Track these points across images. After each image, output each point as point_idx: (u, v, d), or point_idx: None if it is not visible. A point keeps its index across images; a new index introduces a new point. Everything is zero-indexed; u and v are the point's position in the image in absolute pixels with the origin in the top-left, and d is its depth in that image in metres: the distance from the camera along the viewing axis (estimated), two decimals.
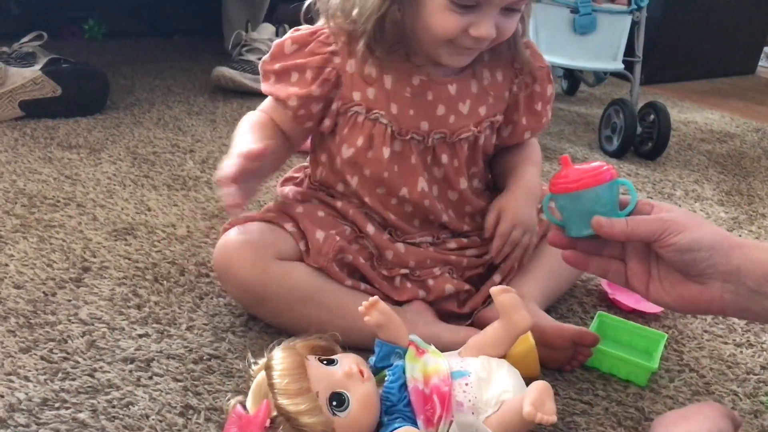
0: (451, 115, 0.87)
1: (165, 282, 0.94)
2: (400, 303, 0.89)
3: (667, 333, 0.96)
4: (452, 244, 0.93)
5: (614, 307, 1.00)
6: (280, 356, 0.65)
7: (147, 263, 0.97)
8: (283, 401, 0.61)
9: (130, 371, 0.76)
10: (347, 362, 0.68)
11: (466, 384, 0.68)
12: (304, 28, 0.87)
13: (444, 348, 0.77)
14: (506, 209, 0.89)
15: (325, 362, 0.68)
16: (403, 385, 0.68)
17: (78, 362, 0.77)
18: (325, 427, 0.62)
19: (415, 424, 0.66)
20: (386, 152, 0.86)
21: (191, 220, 1.12)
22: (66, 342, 0.80)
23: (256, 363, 0.70)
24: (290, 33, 0.87)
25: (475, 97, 0.89)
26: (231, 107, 1.71)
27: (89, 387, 0.73)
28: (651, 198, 1.47)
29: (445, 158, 0.89)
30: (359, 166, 0.87)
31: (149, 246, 1.02)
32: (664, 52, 2.63)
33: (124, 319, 0.85)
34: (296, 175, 1.00)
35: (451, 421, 0.66)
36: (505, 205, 0.89)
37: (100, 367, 0.76)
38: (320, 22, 0.86)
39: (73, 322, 0.83)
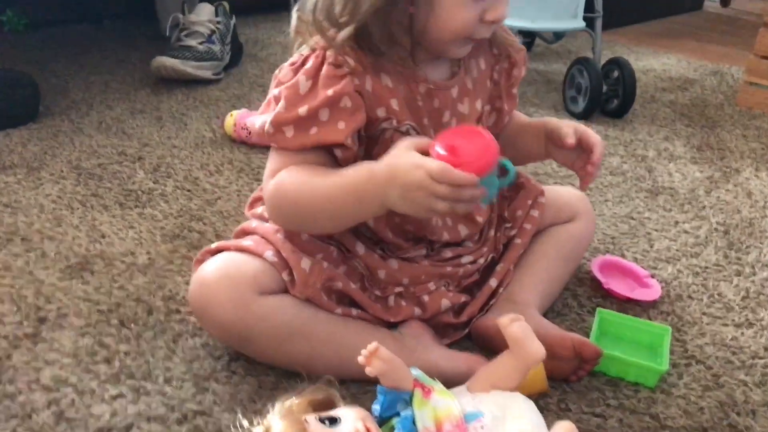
0: (453, 118, 0.82)
1: (132, 325, 0.85)
2: (395, 324, 0.83)
3: (666, 320, 0.93)
4: (447, 253, 0.87)
5: (609, 296, 0.96)
6: (279, 427, 0.59)
7: (109, 304, 0.89)
8: None
9: None
10: (352, 419, 0.62)
11: (482, 427, 0.63)
12: (297, 58, 0.76)
13: (444, 377, 0.72)
14: (594, 140, 0.81)
15: (327, 422, 0.62)
16: None
17: None
18: None
19: None
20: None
21: (151, 244, 1.03)
22: (31, 417, 0.71)
23: (249, 430, 0.64)
24: (288, 68, 0.76)
25: (473, 93, 0.83)
26: (176, 99, 1.59)
27: None
28: (624, 162, 1.43)
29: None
30: None
31: (109, 282, 0.93)
32: None
33: (93, 379, 0.77)
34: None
35: None
36: (592, 136, 0.82)
37: None
38: (311, 41, 0.76)
39: (35, 390, 0.75)
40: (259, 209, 0.87)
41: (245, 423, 0.66)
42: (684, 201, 1.28)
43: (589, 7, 1.68)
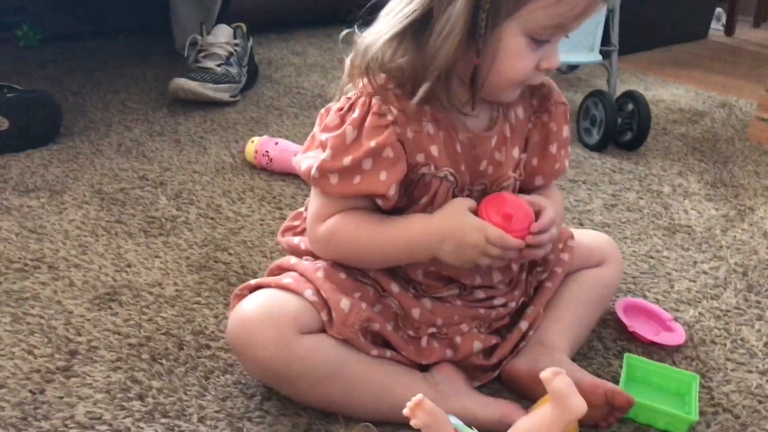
0: (489, 166, 0.83)
1: (164, 361, 0.85)
2: (427, 366, 0.83)
3: (690, 365, 0.94)
4: (480, 294, 0.88)
5: (634, 339, 0.97)
6: None
7: (140, 337, 0.89)
8: None
9: None
10: None
11: None
12: (344, 103, 0.78)
13: (479, 424, 0.73)
14: (545, 204, 0.81)
15: None
16: None
17: None
18: None
19: None
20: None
21: (177, 274, 1.03)
22: None
23: None
24: (335, 114, 0.77)
25: (510, 142, 0.85)
26: (194, 122, 1.60)
27: None
28: (641, 198, 1.44)
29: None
30: None
31: (138, 314, 0.93)
32: (621, 24, 2.61)
33: (127, 416, 0.77)
34: (296, 223, 0.92)
35: None
36: (543, 201, 0.82)
37: None
38: (354, 88, 0.78)
39: (71, 428, 0.75)
40: (295, 239, 0.87)
41: None
42: (701, 240, 1.29)
43: (605, 39, 1.70)
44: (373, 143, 0.74)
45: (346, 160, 0.75)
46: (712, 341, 1.00)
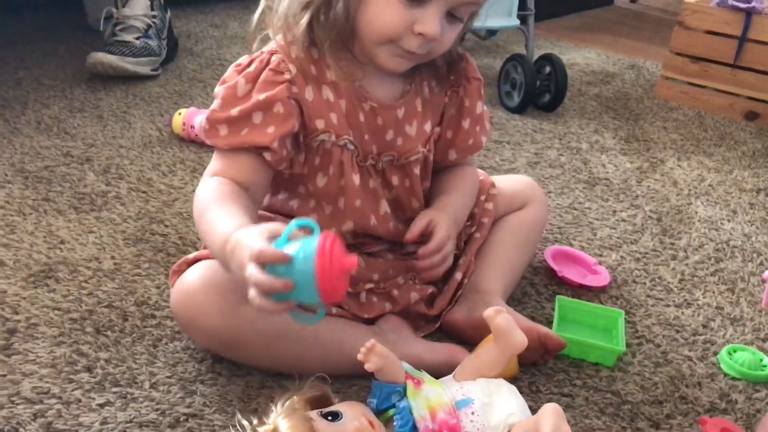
0: (398, 137, 0.84)
1: (109, 332, 0.85)
2: (370, 320, 0.86)
3: (616, 303, 1.01)
4: (410, 248, 0.90)
5: (563, 284, 1.03)
6: (286, 426, 0.61)
7: (81, 311, 0.88)
8: None
9: None
10: (352, 415, 0.65)
11: (472, 413, 0.68)
12: (244, 60, 0.79)
13: (427, 368, 0.76)
14: (439, 220, 0.84)
15: (329, 417, 0.64)
16: (413, 427, 0.66)
17: None
18: None
19: None
20: (356, 179, 0.82)
21: (114, 248, 1.01)
22: (18, 431, 0.70)
23: (254, 430, 0.65)
24: (233, 69, 0.78)
25: (421, 116, 0.86)
26: (115, 97, 1.55)
27: None
28: (561, 155, 1.51)
29: (395, 180, 0.86)
30: (333, 195, 0.82)
31: (77, 289, 0.91)
32: None
33: (76, 388, 0.76)
34: None
35: None
36: (437, 219, 0.84)
37: None
38: (267, 46, 0.79)
39: (17, 404, 0.73)
40: None
41: (245, 423, 0.67)
42: (619, 191, 1.37)
43: (521, 4, 1.76)
44: (263, 96, 0.76)
45: (235, 110, 0.76)
46: (634, 281, 1.07)
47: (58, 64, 1.71)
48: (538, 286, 1.03)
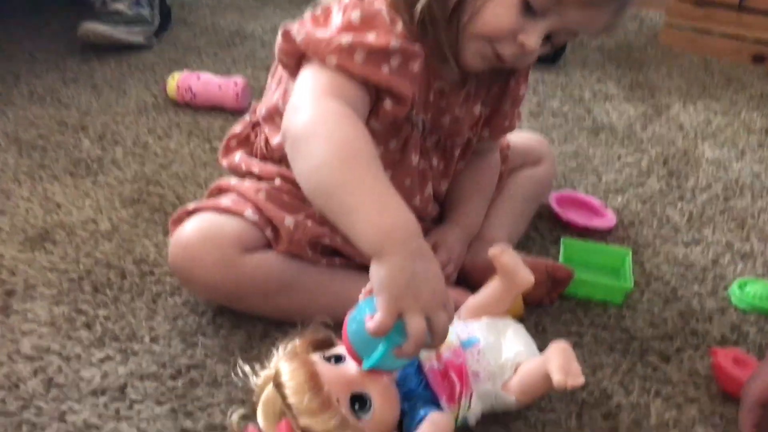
0: (450, 120, 0.82)
1: (108, 290, 0.84)
2: None
3: (623, 244, 0.99)
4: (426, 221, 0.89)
5: (568, 227, 1.01)
6: (288, 369, 0.59)
7: (79, 272, 0.86)
8: (308, 421, 0.57)
9: (105, 404, 0.68)
10: None
11: (478, 352, 0.66)
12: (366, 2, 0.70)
13: None
14: (444, 242, 0.86)
15: (333, 360, 0.63)
16: (419, 368, 0.65)
17: (41, 408, 0.67)
18: None
19: (436, 405, 0.63)
20: (415, 159, 0.80)
21: (111, 210, 1.00)
22: (18, 387, 0.69)
23: (257, 376, 0.64)
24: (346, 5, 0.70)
25: (473, 97, 0.83)
26: (109, 66, 1.53)
27: None
28: (564, 105, 1.48)
29: (435, 161, 0.85)
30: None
31: (74, 251, 0.90)
32: None
33: (76, 344, 0.75)
34: (234, 143, 0.89)
35: (471, 394, 0.65)
36: (442, 238, 0.86)
37: (70, 408, 0.68)
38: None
39: (17, 361, 0.73)
40: (236, 157, 0.85)
41: (247, 368, 0.66)
42: (623, 137, 1.34)
43: None
44: (399, 44, 0.69)
45: (371, 36, 0.67)
46: (640, 222, 1.05)
47: (50, 37, 1.68)
48: (542, 231, 1.01)
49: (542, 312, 0.84)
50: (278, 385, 0.58)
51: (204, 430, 0.66)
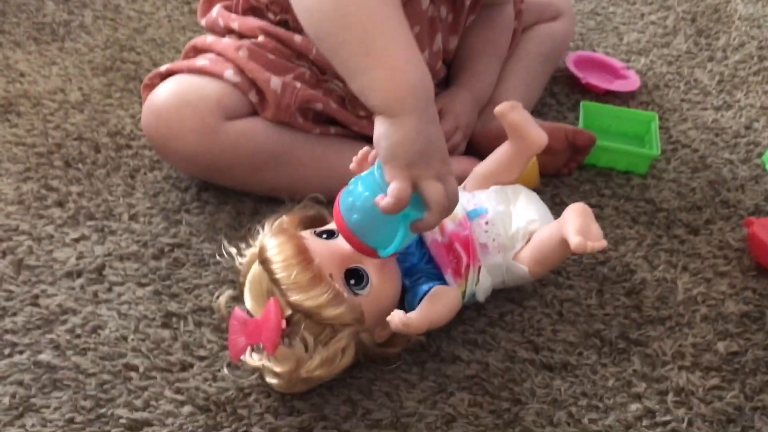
0: None
1: (80, 165, 0.76)
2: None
3: (647, 109, 0.91)
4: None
5: (588, 91, 0.92)
6: (274, 244, 0.53)
7: (48, 145, 0.78)
8: (297, 297, 0.50)
9: (81, 287, 0.62)
10: None
11: (486, 222, 0.59)
12: None
13: None
14: (451, 109, 0.76)
15: (324, 236, 0.56)
16: (420, 241, 0.58)
17: (12, 291, 0.61)
18: (355, 313, 0.52)
19: (440, 280, 0.57)
20: (425, 3, 0.70)
21: (81, 79, 0.90)
22: None
23: (241, 254, 0.58)
24: None
25: None
26: None
27: (39, 319, 0.59)
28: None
29: (443, 12, 0.75)
30: None
31: (42, 123, 0.82)
32: None
33: (47, 223, 0.69)
34: None
35: (480, 267, 0.58)
36: (450, 104, 0.77)
37: (43, 291, 0.62)
38: None
39: None
40: (213, 12, 0.75)
41: (233, 250, 0.60)
42: None
43: None
44: None
45: None
46: (666, 85, 0.96)
47: None
48: (559, 96, 0.92)
49: (559, 183, 0.77)
50: (264, 261, 0.52)
51: (191, 313, 0.61)
